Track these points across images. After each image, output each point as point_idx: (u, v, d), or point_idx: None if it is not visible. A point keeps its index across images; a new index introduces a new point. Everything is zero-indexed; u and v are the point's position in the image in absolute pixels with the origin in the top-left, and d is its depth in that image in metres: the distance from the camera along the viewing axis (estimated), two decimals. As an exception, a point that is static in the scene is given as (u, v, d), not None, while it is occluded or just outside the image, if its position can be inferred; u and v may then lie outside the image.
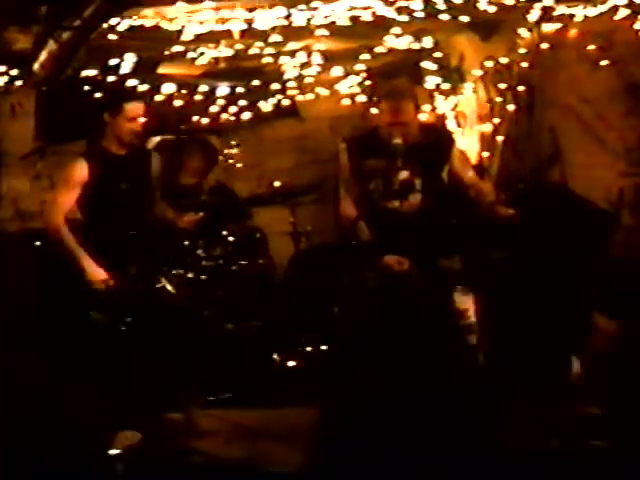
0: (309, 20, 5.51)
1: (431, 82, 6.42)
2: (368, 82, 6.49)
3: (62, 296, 4.88)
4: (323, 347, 5.44)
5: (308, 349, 5.48)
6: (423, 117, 5.20)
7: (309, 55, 6.10)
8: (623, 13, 5.41)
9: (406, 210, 4.56)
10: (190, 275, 5.57)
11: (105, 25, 5.15)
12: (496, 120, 6.22)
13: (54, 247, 4.56)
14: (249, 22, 5.48)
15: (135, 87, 5.89)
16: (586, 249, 5.18)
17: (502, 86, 6.16)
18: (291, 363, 5.37)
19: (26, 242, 5.49)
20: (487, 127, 6.26)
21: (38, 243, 5.45)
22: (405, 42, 5.99)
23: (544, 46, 5.81)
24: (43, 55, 4.93)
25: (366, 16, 5.50)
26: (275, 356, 5.42)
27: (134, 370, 4.44)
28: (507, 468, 3.55)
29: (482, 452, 3.60)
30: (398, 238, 4.52)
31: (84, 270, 4.40)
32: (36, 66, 4.96)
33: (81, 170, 4.46)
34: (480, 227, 4.78)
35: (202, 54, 5.93)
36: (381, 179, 4.60)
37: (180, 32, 5.51)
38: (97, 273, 4.39)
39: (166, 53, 5.88)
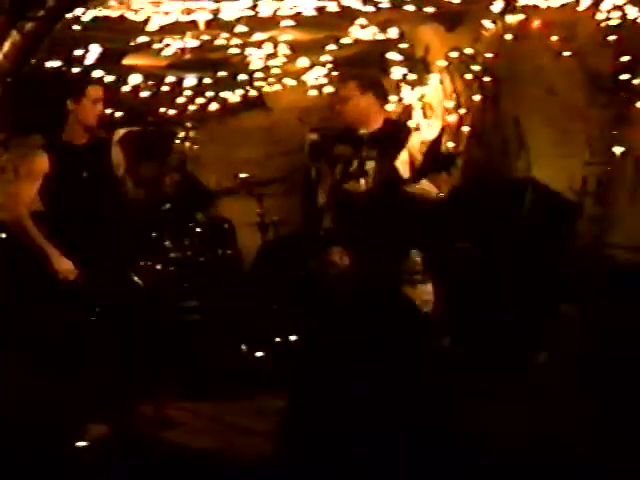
0: (275, 11, 5.51)
1: (397, 73, 6.44)
2: (335, 72, 6.50)
3: (28, 288, 4.85)
4: (291, 337, 5.47)
5: (276, 339, 5.50)
6: (389, 110, 5.29)
7: (275, 46, 6.09)
8: (585, 4, 5.46)
9: (357, 192, 4.63)
10: (158, 267, 5.57)
11: (69, 16, 5.11)
12: (462, 111, 6.26)
13: (17, 239, 4.54)
14: (215, 13, 5.47)
15: (101, 78, 5.85)
16: (551, 239, 5.25)
17: (468, 77, 6.20)
18: (259, 354, 5.39)
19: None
20: (453, 118, 6.30)
21: (3, 235, 5.41)
22: (371, 33, 6.01)
23: (508, 37, 5.86)
24: (6, 46, 4.87)
25: (332, 7, 5.51)
26: (243, 347, 5.44)
27: (103, 362, 4.43)
28: (476, 460, 3.59)
29: (450, 445, 3.64)
30: (352, 222, 4.59)
31: (49, 260, 4.38)
32: (-1, 57, 4.91)
33: (41, 162, 4.44)
34: (442, 216, 4.82)
35: (168, 45, 5.90)
36: (342, 164, 4.68)
37: (145, 23, 5.48)
38: (63, 263, 4.37)
39: (131, 44, 5.85)
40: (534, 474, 3.44)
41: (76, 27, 5.29)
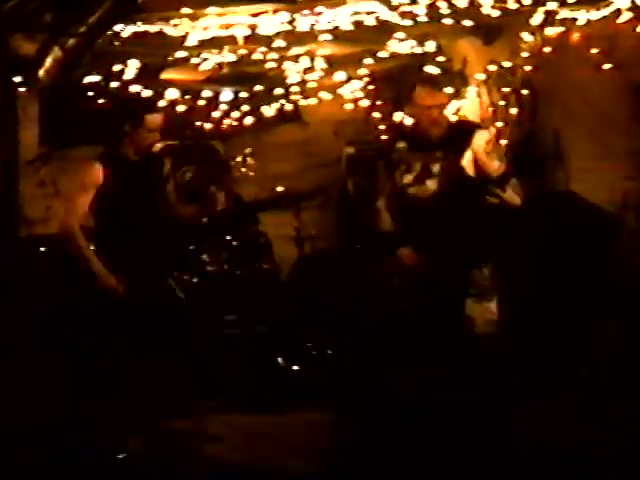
0: (313, 25, 5.52)
1: (434, 86, 6.42)
2: (371, 86, 6.51)
3: (70, 301, 4.88)
4: (328, 351, 5.45)
5: (313, 353, 5.48)
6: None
7: (312, 60, 6.11)
8: (626, 16, 5.41)
9: (424, 195, 4.59)
10: (195, 280, 5.59)
11: (109, 31, 5.15)
12: (499, 124, 6.23)
13: (64, 251, 4.57)
14: (253, 28, 5.49)
15: (139, 93, 5.89)
16: (591, 254, 5.18)
17: (505, 90, 6.17)
18: (296, 367, 5.38)
19: (32, 248, 5.49)
20: (491, 131, 6.26)
21: (43, 249, 5.46)
22: (408, 46, 6.00)
23: (547, 50, 5.82)
24: (48, 62, 4.93)
25: (369, 21, 5.51)
26: (280, 360, 5.43)
27: (142, 374, 4.44)
28: (526, 470, 3.56)
29: (500, 455, 3.61)
30: (419, 225, 4.55)
31: (95, 274, 4.40)
32: (41, 72, 4.97)
33: (95, 173, 4.49)
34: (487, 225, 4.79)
35: (206, 60, 5.94)
36: (405, 167, 4.64)
37: (184, 38, 5.51)
38: (107, 278, 4.39)
39: (170, 59, 5.90)
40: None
41: (116, 42, 5.34)
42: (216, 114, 6.61)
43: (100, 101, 5.40)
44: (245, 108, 6.61)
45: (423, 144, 4.60)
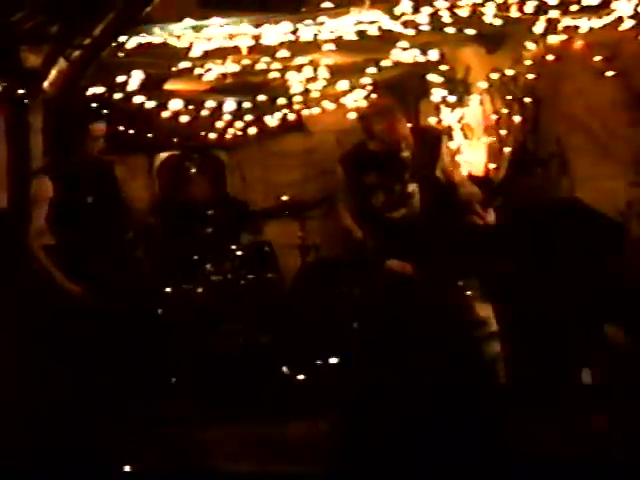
0: (316, 35, 5.55)
1: (437, 95, 6.45)
2: (374, 95, 6.52)
3: (55, 311, 4.85)
4: (333, 360, 5.45)
5: (318, 362, 5.49)
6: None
7: (316, 69, 6.13)
8: (628, 24, 5.43)
9: (409, 217, 4.58)
10: (199, 290, 5.60)
11: (114, 43, 5.18)
12: (502, 132, 6.24)
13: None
14: (256, 38, 5.52)
15: (104, 114, 5.89)
16: (595, 260, 5.19)
17: (508, 98, 6.19)
18: (301, 376, 5.38)
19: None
20: (494, 139, 6.28)
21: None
22: (411, 55, 6.02)
23: (550, 58, 5.84)
24: (53, 73, 4.95)
25: (372, 30, 5.53)
26: (285, 369, 5.43)
27: (138, 383, 4.43)
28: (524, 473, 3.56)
29: (500, 459, 3.61)
30: (408, 247, 4.54)
31: (61, 285, 4.33)
32: (46, 84, 4.98)
33: (44, 187, 4.41)
34: (485, 235, 4.79)
35: (209, 70, 5.96)
36: (382, 192, 4.61)
37: (188, 49, 5.54)
38: (72, 288, 4.32)
39: (173, 70, 5.92)
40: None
41: (120, 54, 5.36)
42: (220, 124, 6.62)
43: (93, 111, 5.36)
44: (249, 118, 6.63)
45: (391, 166, 4.57)
